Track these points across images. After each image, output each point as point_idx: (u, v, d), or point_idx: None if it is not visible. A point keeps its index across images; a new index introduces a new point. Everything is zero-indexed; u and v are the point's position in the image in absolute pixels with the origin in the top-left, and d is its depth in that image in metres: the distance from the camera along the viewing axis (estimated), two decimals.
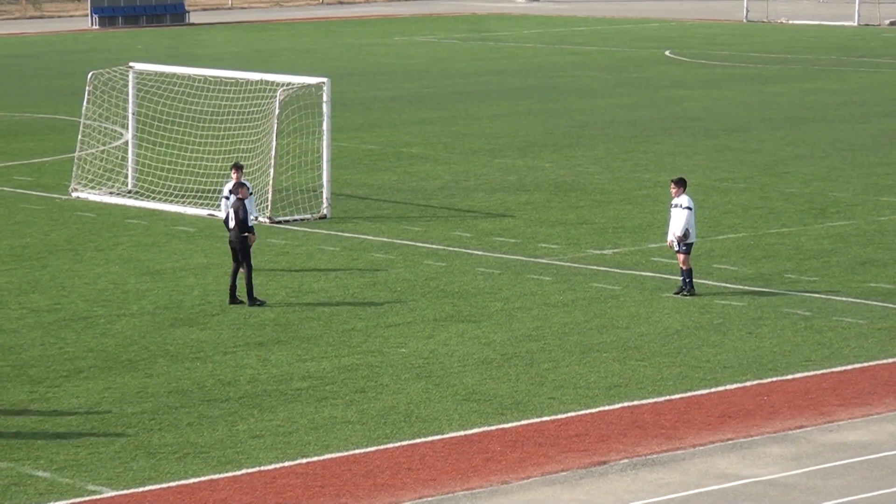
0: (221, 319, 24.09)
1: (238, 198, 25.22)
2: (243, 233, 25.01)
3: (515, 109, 49.12)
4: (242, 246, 25.01)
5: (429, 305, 24.94)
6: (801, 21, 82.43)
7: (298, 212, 32.41)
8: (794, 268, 27.38)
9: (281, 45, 71.76)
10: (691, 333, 23.26)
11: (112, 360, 21.98)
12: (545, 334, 23.22)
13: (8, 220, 32.22)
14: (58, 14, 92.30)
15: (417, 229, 31.00)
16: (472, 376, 21.12)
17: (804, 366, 21.67)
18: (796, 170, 37.58)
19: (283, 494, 16.84)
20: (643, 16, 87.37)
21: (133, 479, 17.28)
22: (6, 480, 17.23)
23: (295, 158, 35.32)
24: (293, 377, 21.15)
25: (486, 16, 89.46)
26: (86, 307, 24.93)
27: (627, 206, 33.18)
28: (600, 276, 26.86)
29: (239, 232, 25.05)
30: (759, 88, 54.08)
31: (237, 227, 25.07)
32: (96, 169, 35.31)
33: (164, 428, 19.02)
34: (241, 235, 25.02)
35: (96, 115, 36.54)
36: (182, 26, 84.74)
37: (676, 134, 43.54)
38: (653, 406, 19.92)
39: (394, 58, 66.33)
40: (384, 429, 18.98)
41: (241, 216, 25.07)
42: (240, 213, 25.11)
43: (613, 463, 17.78)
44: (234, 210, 25.17)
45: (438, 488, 16.99)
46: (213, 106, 36.08)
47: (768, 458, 17.96)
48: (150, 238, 30.40)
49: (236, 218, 25.10)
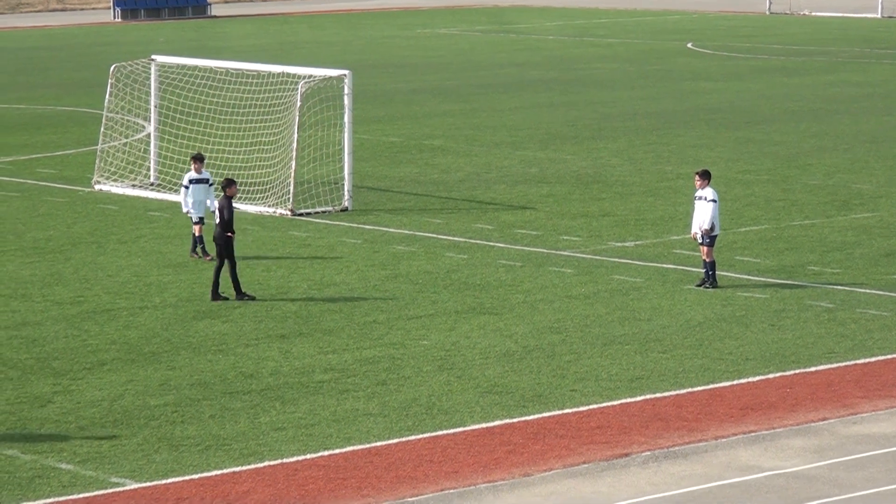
0: (243, 312, 24.13)
1: (226, 196, 24.93)
2: (227, 232, 24.62)
3: (537, 101, 49.07)
4: (226, 243, 24.71)
5: (450, 298, 24.93)
6: (824, 13, 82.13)
7: (320, 204, 32.43)
8: (818, 260, 27.30)
9: (302, 38, 71.81)
10: (713, 325, 23.22)
11: (135, 352, 22.04)
12: (567, 326, 23.20)
13: (32, 212, 32.32)
14: (80, 7, 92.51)
15: (439, 221, 30.99)
16: (494, 368, 21.12)
17: (827, 358, 21.60)
18: (819, 162, 37.46)
19: (306, 487, 16.86)
20: (665, 8, 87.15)
21: (156, 472, 17.32)
22: (30, 473, 17.29)
23: (316, 151, 35.35)
24: (315, 369, 21.18)
25: (507, 8, 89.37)
26: (109, 299, 24.99)
27: (649, 199, 33.12)
28: (622, 269, 26.82)
29: (223, 231, 24.69)
30: (782, 80, 53.91)
31: (221, 226, 24.69)
32: (119, 161, 35.39)
33: (186, 420, 19.06)
34: (224, 234, 24.66)
35: (119, 107, 36.61)
36: (204, 19, 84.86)
37: (698, 126, 43.44)
38: (675, 398, 19.89)
39: (415, 50, 66.31)
40: (406, 421, 18.99)
41: (226, 216, 24.65)
42: (225, 212, 24.66)
43: (635, 455, 17.76)
44: (220, 209, 24.81)
45: (460, 480, 17.00)
46: (235, 98, 36.12)
47: (791, 451, 17.92)
48: (172, 230, 30.46)
49: (221, 217, 24.74)
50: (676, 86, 52.72)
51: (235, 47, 65.28)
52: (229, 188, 25.15)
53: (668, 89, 51.83)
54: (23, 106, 49.29)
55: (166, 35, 73.37)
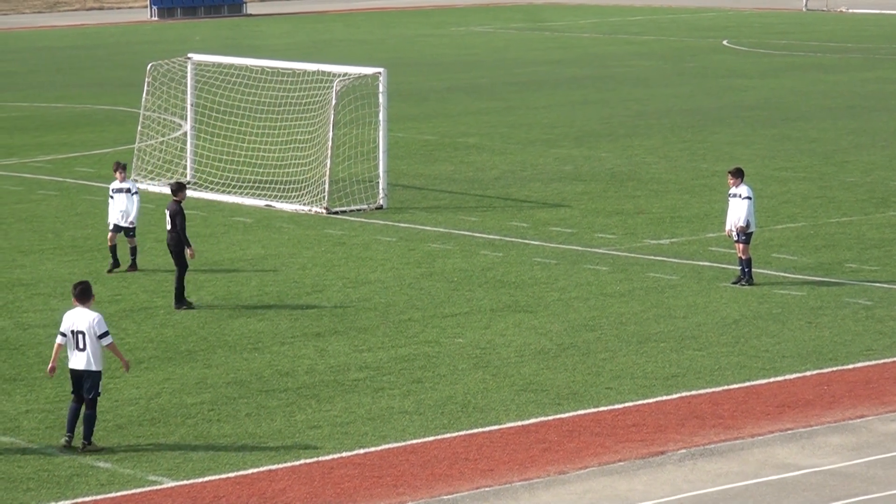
0: (279, 310, 24.19)
1: (175, 200, 24.25)
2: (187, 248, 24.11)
3: (572, 99, 49.00)
4: (178, 250, 24.27)
5: (485, 295, 24.94)
6: (861, 10, 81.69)
7: (355, 202, 32.48)
8: (855, 257, 27.17)
9: (337, 36, 71.91)
10: (750, 323, 23.14)
11: (171, 350, 22.13)
12: (602, 324, 23.17)
13: (70, 211, 32.49)
14: (117, 6, 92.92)
15: (474, 219, 30.99)
16: (529, 366, 21.11)
17: (865, 355, 21.51)
18: (857, 159, 37.27)
19: (341, 485, 16.89)
20: (700, 5, 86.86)
21: (192, 470, 17.39)
22: (68, 471, 17.38)
23: (351, 149, 35.40)
24: (350, 367, 21.21)
25: (542, 6, 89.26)
26: (146, 298, 25.09)
27: (685, 196, 33.03)
28: (657, 266, 26.76)
29: (177, 237, 24.20)
30: (818, 77, 53.66)
31: (175, 233, 24.21)
32: (155, 160, 35.53)
33: (222, 418, 19.13)
34: (176, 239, 24.19)
35: (155, 106, 36.75)
36: (239, 17, 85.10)
37: (734, 123, 43.29)
38: (711, 396, 19.84)
39: (450, 48, 66.31)
40: (441, 419, 19.00)
41: (178, 224, 24.19)
42: (177, 220, 24.22)
43: (671, 453, 17.72)
44: (172, 215, 24.24)
45: (496, 478, 17.00)
46: (271, 97, 36.21)
47: (828, 448, 17.85)
48: (208, 229, 30.56)
49: (173, 223, 24.24)
50: (712, 83, 52.55)
51: (271, 45, 65.44)
52: (179, 192, 24.34)
53: (704, 86, 51.66)
54: (61, 105, 49.55)
55: (202, 33, 73.60)
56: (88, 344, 17.94)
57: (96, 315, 18.07)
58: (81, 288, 18.27)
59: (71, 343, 18.04)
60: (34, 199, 33.71)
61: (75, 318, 18.07)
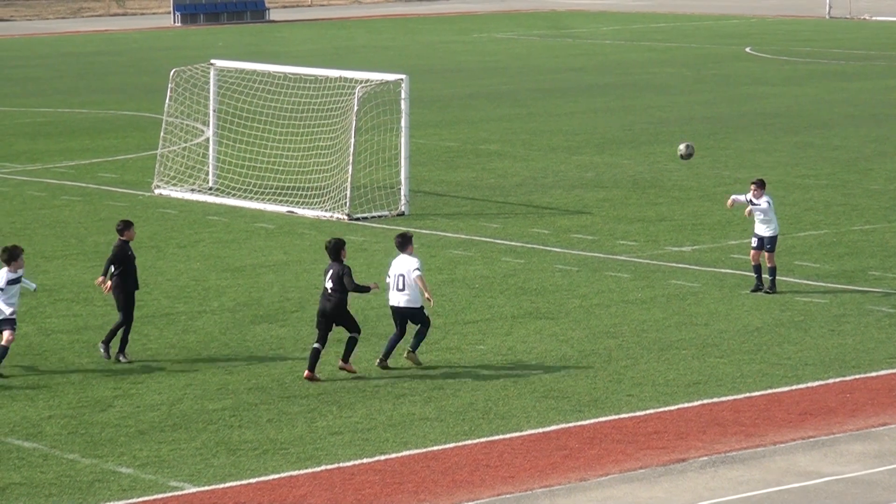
0: (300, 316, 24.22)
1: (122, 240, 21.78)
2: (133, 288, 21.69)
3: (593, 106, 48.97)
4: (126, 298, 21.76)
5: (507, 302, 24.93)
6: (884, 17, 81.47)
7: (377, 208, 32.51)
8: (878, 265, 27.09)
9: (359, 42, 72.00)
10: (772, 330, 23.08)
11: (193, 356, 22.17)
12: (623, 331, 23.14)
13: (93, 216, 32.58)
14: (140, 11, 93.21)
15: (495, 226, 30.99)
16: (551, 373, 21.10)
17: (888, 363, 21.43)
18: (880, 167, 37.16)
19: (362, 491, 16.90)
20: (723, 13, 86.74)
21: (214, 476, 17.42)
22: (90, 477, 17.43)
23: (373, 155, 35.43)
24: (371, 374, 21.22)
25: (564, 13, 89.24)
26: (168, 303, 25.15)
27: (706, 203, 32.97)
28: (679, 273, 26.72)
29: (123, 282, 21.63)
30: (841, 85, 53.53)
31: (120, 276, 21.64)
32: (178, 166, 35.62)
33: (244, 424, 19.16)
34: (126, 288, 21.66)
35: (178, 112, 36.85)
36: (262, 23, 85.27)
37: (757, 131, 43.20)
38: (732, 403, 19.80)
39: (472, 55, 66.33)
40: (462, 426, 19.00)
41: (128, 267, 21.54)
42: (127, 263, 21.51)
43: (692, 460, 17.69)
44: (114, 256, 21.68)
45: (517, 485, 16.99)
46: (293, 103, 36.26)
47: (850, 456, 17.79)
48: (230, 235, 30.62)
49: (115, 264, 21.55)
50: (734, 90, 52.45)
51: (293, 52, 65.55)
52: (127, 231, 21.86)
53: (726, 94, 51.57)
54: (84, 110, 49.71)
55: (225, 40, 73.77)
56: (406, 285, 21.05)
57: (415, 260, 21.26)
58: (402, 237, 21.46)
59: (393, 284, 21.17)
60: (58, 205, 33.83)
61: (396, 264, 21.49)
